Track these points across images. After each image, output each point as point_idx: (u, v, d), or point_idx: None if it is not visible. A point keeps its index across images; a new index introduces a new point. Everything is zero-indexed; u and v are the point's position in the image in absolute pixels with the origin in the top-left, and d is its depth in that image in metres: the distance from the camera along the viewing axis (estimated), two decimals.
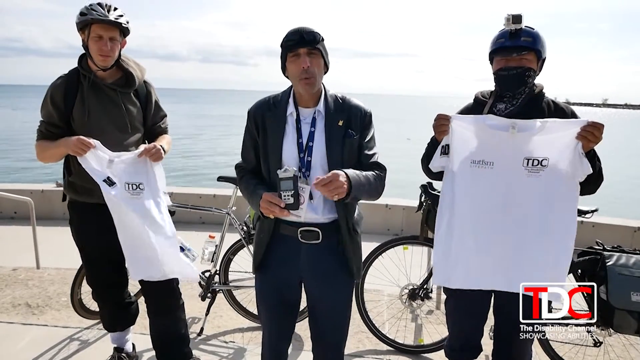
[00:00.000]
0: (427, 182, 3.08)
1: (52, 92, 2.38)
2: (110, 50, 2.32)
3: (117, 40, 2.36)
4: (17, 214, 6.35)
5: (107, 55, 2.33)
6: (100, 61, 2.34)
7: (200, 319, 3.54)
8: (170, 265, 2.45)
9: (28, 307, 3.70)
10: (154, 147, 2.37)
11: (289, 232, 2.01)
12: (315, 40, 1.91)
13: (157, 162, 2.41)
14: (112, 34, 2.32)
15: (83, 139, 2.25)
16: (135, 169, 2.37)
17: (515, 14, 2.10)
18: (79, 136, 2.27)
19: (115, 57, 2.39)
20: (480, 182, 2.10)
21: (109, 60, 2.36)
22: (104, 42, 2.31)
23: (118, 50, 2.39)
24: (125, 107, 2.45)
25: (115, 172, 2.33)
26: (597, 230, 5.42)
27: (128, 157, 2.36)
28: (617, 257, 2.64)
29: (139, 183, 2.37)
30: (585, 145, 1.96)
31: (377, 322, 3.40)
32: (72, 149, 2.26)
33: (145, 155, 2.36)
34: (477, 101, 2.34)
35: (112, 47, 2.33)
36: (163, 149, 2.44)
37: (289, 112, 2.01)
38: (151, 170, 2.40)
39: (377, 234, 5.69)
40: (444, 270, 2.20)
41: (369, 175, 1.93)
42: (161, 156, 2.40)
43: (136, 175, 2.37)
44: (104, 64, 2.36)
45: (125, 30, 2.38)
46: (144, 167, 2.39)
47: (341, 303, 2.11)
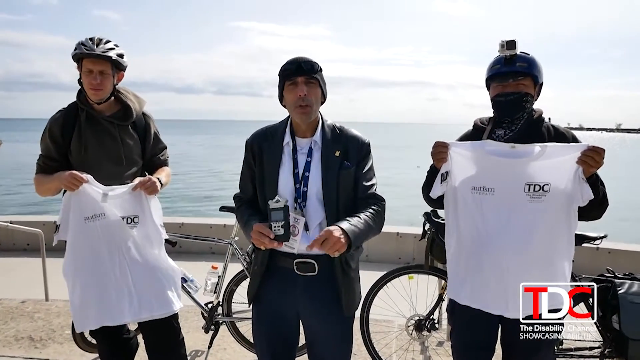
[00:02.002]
0: (430, 210, 3.04)
1: (50, 126, 2.41)
2: (99, 84, 2.34)
3: (108, 73, 2.37)
4: (30, 246, 6.40)
5: (97, 88, 2.35)
6: (91, 95, 2.37)
7: (203, 352, 3.48)
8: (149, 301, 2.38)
9: (31, 341, 3.68)
10: (148, 180, 2.35)
11: (285, 264, 1.97)
12: (313, 70, 1.91)
13: (152, 194, 2.38)
14: (102, 68, 2.34)
15: (75, 174, 2.24)
16: (130, 202, 2.35)
17: (510, 40, 2.11)
18: (71, 171, 2.26)
19: (108, 91, 2.40)
20: (483, 208, 2.09)
21: (100, 94, 2.38)
22: (94, 75, 2.33)
23: (111, 84, 2.40)
24: (122, 140, 2.45)
25: (110, 206, 2.31)
26: (613, 257, 5.28)
27: (122, 190, 2.34)
28: (629, 285, 2.56)
29: (134, 216, 2.35)
30: (586, 170, 1.93)
31: (384, 354, 3.30)
32: (65, 184, 2.25)
33: (140, 188, 2.33)
34: (476, 127, 2.32)
35: (103, 80, 2.35)
36: (160, 182, 2.42)
37: (286, 142, 2.01)
38: (146, 203, 2.38)
39: (388, 262, 5.61)
40: (454, 285, 2.24)
41: (367, 217, 1.88)
42: (156, 189, 2.37)
43: (131, 208, 2.35)
44: (96, 98, 2.38)
45: (117, 63, 2.38)
46: (139, 200, 2.37)
47: (340, 337, 2.05)
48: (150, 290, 2.40)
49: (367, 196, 1.97)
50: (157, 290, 2.41)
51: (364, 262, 2.10)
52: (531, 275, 2.02)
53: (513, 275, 2.03)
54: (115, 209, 2.32)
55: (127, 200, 2.35)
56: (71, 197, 2.28)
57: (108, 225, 2.31)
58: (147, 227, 2.38)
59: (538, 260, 2.02)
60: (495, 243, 2.06)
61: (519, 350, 2.20)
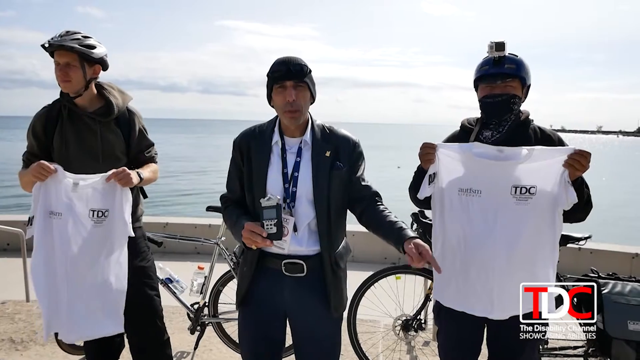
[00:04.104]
0: (418, 211, 3.05)
1: (34, 122, 2.39)
2: (65, 76, 2.29)
3: (75, 65, 2.30)
4: (10, 246, 6.27)
5: (63, 80, 2.30)
6: (61, 87, 2.34)
7: (189, 353, 3.45)
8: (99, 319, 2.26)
9: (12, 343, 3.60)
10: (122, 171, 2.25)
11: (273, 265, 1.96)
12: (303, 73, 1.88)
13: (126, 187, 2.28)
14: (67, 60, 2.29)
15: (43, 163, 2.17)
16: (102, 193, 2.25)
17: (498, 41, 2.12)
18: (39, 161, 2.19)
19: (77, 83, 2.33)
20: (470, 210, 2.09)
21: (68, 86, 2.32)
22: (60, 67, 2.30)
23: (80, 76, 2.32)
24: (103, 136, 2.40)
25: (81, 196, 2.22)
26: (595, 257, 5.36)
27: (94, 180, 2.25)
28: (612, 285, 2.59)
29: (105, 210, 2.25)
30: (571, 174, 1.95)
31: (371, 354, 3.31)
32: (33, 174, 2.17)
33: (114, 178, 2.24)
34: (464, 129, 2.33)
35: (68, 72, 2.29)
36: (140, 176, 2.36)
37: (274, 142, 1.99)
38: (119, 197, 2.27)
39: (374, 263, 5.63)
40: (440, 286, 2.23)
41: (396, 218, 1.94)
42: (130, 181, 2.26)
43: (102, 200, 2.25)
44: (65, 90, 2.35)
45: (84, 55, 2.30)
46: (111, 193, 2.27)
47: (327, 339, 2.04)
48: (86, 311, 2.25)
49: (372, 195, 2.00)
50: (93, 311, 2.27)
51: (350, 263, 2.10)
52: (516, 277, 2.03)
53: (498, 277, 2.04)
54: (85, 201, 2.23)
55: (98, 191, 2.25)
56: (40, 188, 2.21)
57: (65, 226, 2.21)
58: (114, 222, 2.27)
59: (523, 262, 2.03)
60: (481, 245, 2.06)
61: (504, 350, 2.22)
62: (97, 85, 2.47)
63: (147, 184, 2.52)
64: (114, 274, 2.27)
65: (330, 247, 1.95)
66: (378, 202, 2.00)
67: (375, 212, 1.96)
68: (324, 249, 1.94)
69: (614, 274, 2.73)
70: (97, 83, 2.47)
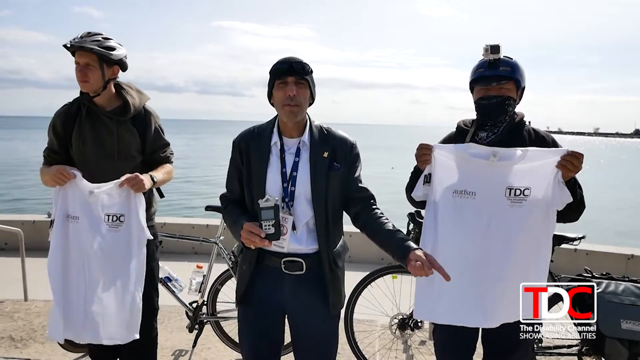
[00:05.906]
0: (414, 211, 3.07)
1: (54, 120, 2.47)
2: (84, 76, 2.35)
3: (94, 66, 2.35)
4: (8, 245, 6.27)
5: (82, 80, 2.36)
6: (80, 87, 2.40)
7: (187, 352, 3.47)
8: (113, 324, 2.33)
9: (12, 341, 3.62)
10: (135, 177, 2.30)
11: (273, 263, 1.98)
12: (304, 71, 1.92)
13: (139, 192, 2.34)
14: (87, 60, 2.34)
15: (62, 169, 2.26)
16: (117, 199, 2.32)
17: (494, 44, 2.15)
18: (59, 166, 2.29)
19: (96, 83, 2.38)
20: (463, 213, 2.10)
21: (87, 86, 2.38)
22: (79, 68, 2.36)
23: (99, 76, 2.37)
24: (119, 135, 2.45)
25: (97, 201, 2.29)
26: (590, 258, 5.40)
27: (109, 187, 2.31)
28: (605, 285, 2.62)
29: (120, 215, 2.32)
30: (564, 174, 1.98)
31: (368, 353, 3.34)
32: (53, 178, 2.28)
33: (127, 184, 2.30)
34: (460, 130, 2.36)
35: (87, 73, 2.34)
36: (153, 179, 2.40)
37: (273, 142, 2.01)
38: (134, 202, 2.33)
39: (371, 263, 5.64)
40: (426, 303, 2.17)
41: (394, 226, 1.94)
42: (143, 186, 2.32)
43: (117, 205, 2.32)
44: (84, 90, 2.41)
45: (103, 56, 2.36)
46: (126, 198, 2.33)
47: (325, 337, 2.07)
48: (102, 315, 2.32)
49: (368, 197, 2.02)
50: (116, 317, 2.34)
51: (347, 263, 2.12)
52: (510, 281, 2.05)
53: (492, 280, 2.06)
54: (100, 206, 2.30)
55: (113, 197, 2.32)
56: (59, 191, 2.30)
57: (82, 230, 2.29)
58: (131, 227, 2.34)
59: (517, 264, 2.05)
60: (474, 248, 2.08)
61: (498, 348, 2.25)
62: (116, 85, 2.52)
63: (161, 185, 2.59)
64: (131, 281, 2.35)
65: (328, 245, 1.98)
66: (373, 205, 2.01)
67: (371, 216, 1.97)
68: (322, 248, 1.96)
69: (608, 273, 2.76)
70: (116, 83, 2.52)
